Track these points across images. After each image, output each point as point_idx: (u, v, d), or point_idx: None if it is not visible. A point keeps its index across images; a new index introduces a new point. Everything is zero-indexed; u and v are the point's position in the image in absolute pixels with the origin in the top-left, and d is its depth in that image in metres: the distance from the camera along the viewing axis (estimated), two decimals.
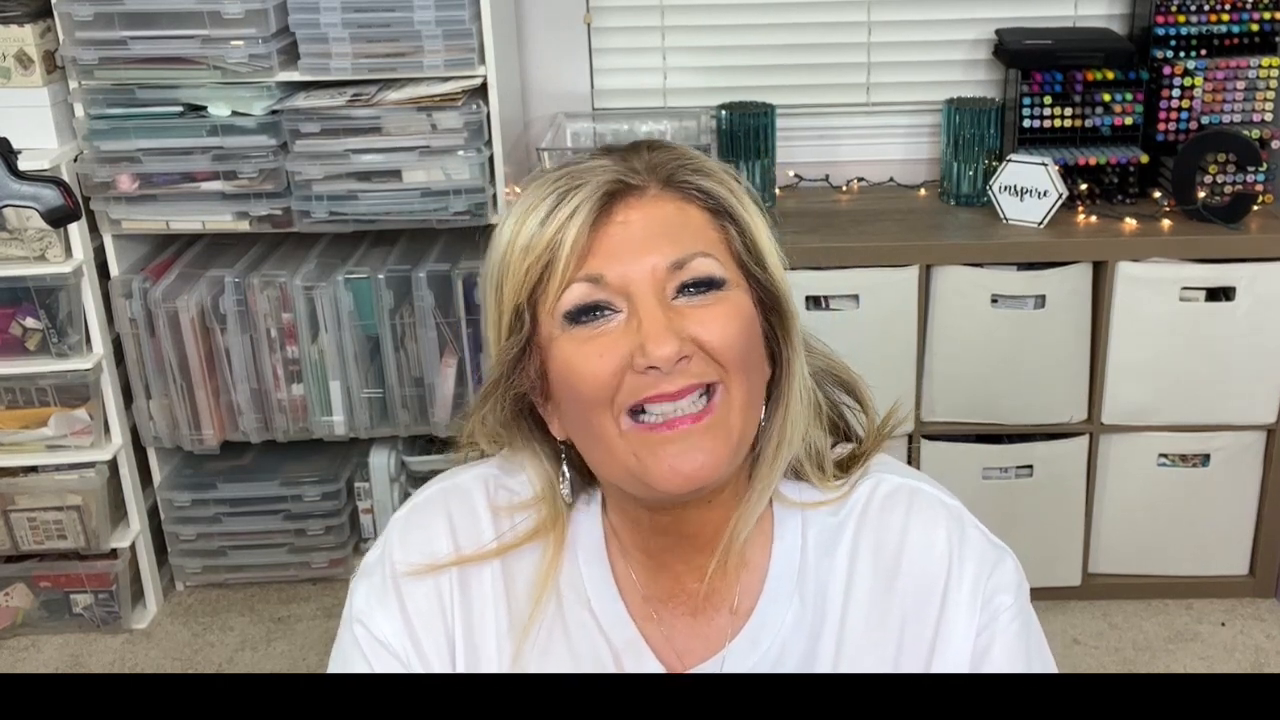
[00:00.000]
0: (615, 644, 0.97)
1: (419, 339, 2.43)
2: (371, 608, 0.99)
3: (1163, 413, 2.40)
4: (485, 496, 1.01)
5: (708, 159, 0.95)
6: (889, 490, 0.99)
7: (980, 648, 0.95)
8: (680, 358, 0.86)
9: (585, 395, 0.88)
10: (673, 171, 0.92)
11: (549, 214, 0.89)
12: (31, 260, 2.33)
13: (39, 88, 2.29)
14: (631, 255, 0.88)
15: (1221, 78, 2.47)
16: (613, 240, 0.88)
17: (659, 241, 0.89)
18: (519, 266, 0.89)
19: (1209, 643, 2.42)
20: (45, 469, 2.45)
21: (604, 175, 0.90)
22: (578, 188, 0.89)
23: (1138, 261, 2.32)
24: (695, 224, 0.91)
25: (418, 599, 0.98)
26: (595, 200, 0.88)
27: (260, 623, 2.56)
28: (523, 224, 0.90)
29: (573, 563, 0.99)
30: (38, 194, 1.07)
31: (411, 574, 0.99)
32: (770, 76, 2.66)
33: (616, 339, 0.87)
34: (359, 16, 2.26)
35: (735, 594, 0.98)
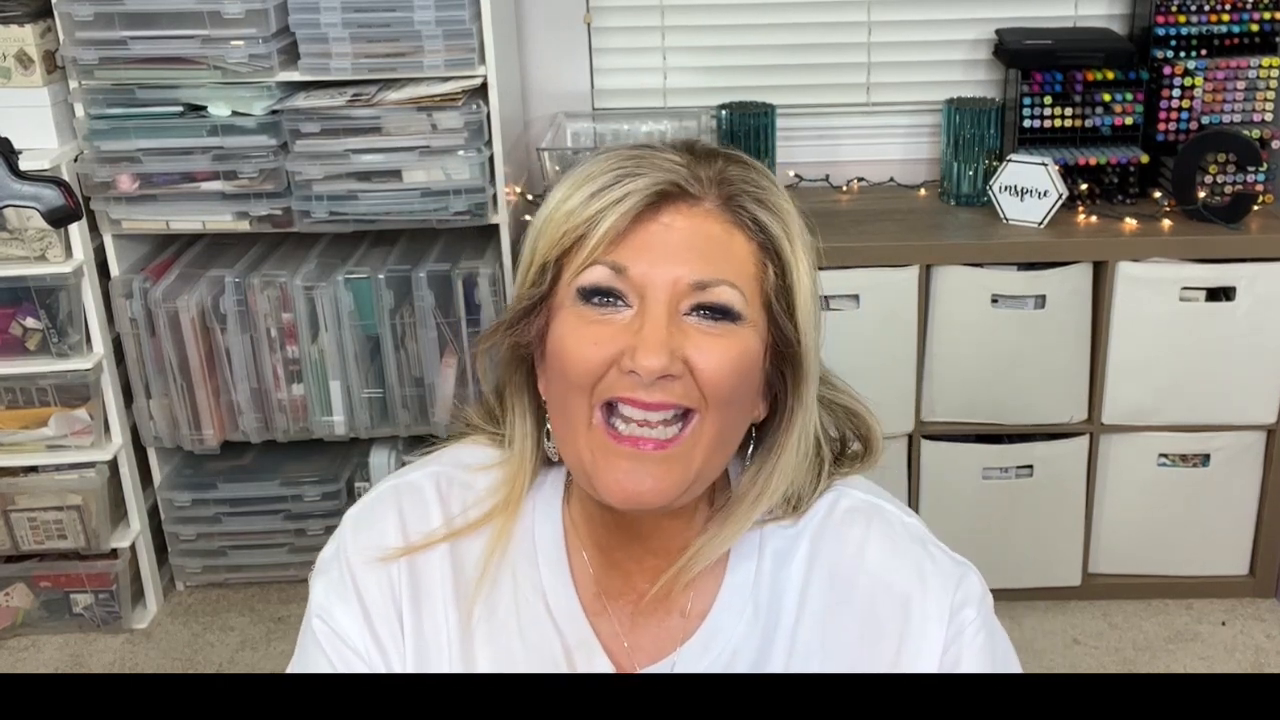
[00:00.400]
0: (568, 639, 0.97)
1: (419, 339, 2.43)
2: (331, 602, 1.00)
3: (1163, 413, 2.40)
4: (436, 491, 1.01)
5: (778, 193, 0.93)
6: (849, 506, 0.99)
7: (948, 662, 0.95)
8: (665, 374, 0.86)
9: (569, 376, 0.89)
10: (735, 193, 0.91)
11: (599, 190, 0.89)
12: (32, 260, 2.33)
13: (39, 88, 2.29)
14: (660, 259, 0.88)
15: (1222, 78, 2.47)
16: (649, 238, 0.88)
17: (692, 255, 0.88)
18: (557, 228, 0.90)
19: (1209, 643, 2.42)
20: (45, 469, 2.45)
21: (665, 175, 0.89)
22: (636, 176, 0.89)
23: (1138, 261, 2.32)
24: (737, 251, 0.90)
25: (371, 589, 0.99)
26: (644, 196, 0.88)
27: (260, 623, 2.56)
28: (576, 189, 0.90)
29: (530, 556, 0.99)
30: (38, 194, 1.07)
31: (364, 565, 0.99)
32: (770, 76, 2.66)
33: (616, 333, 0.87)
34: (359, 16, 2.26)
35: (688, 599, 0.98)
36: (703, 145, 0.94)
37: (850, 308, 2.33)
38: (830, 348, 1.04)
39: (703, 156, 0.92)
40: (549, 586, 0.98)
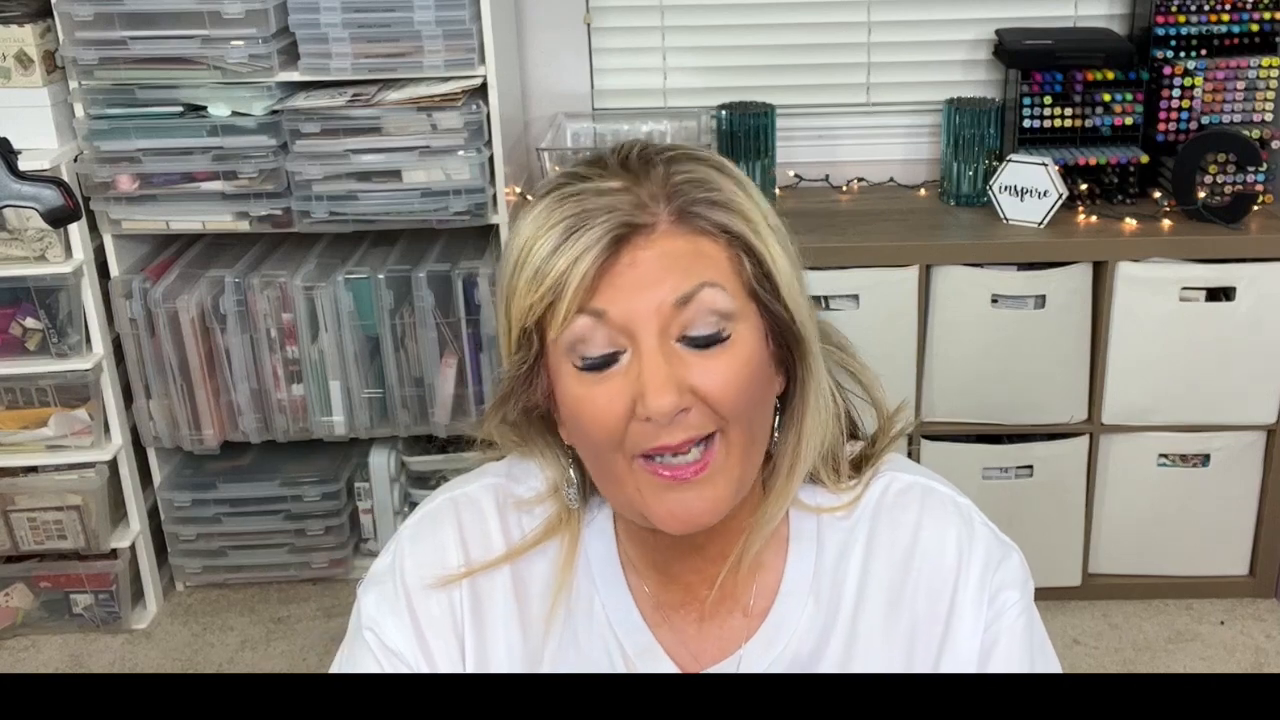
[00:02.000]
0: (629, 649, 0.97)
1: (419, 339, 2.43)
2: (383, 615, 0.99)
3: (1163, 413, 2.40)
4: (495, 505, 1.01)
5: (729, 181, 0.91)
6: (901, 488, 1.00)
7: (987, 643, 0.96)
8: (679, 410, 0.85)
9: (593, 437, 0.88)
10: (686, 204, 0.88)
11: (556, 248, 0.86)
12: (31, 260, 2.33)
13: (39, 88, 2.29)
14: (636, 293, 0.86)
15: (1221, 78, 2.47)
16: (619, 278, 0.86)
17: (665, 277, 0.86)
18: (525, 294, 0.87)
19: (1209, 643, 2.42)
20: (45, 469, 2.45)
21: (612, 214, 0.86)
22: (586, 226, 0.85)
23: (1138, 261, 2.32)
24: (708, 254, 0.88)
25: (430, 608, 0.98)
26: (603, 244, 0.85)
27: (260, 623, 2.56)
28: (531, 250, 0.87)
29: (586, 570, 0.99)
30: (38, 194, 1.07)
31: (422, 585, 0.98)
32: (770, 76, 2.66)
33: (621, 385, 0.86)
34: (359, 16, 2.26)
35: (750, 596, 0.98)
36: (638, 152, 0.91)
37: (850, 308, 2.33)
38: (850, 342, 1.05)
39: (641, 170, 0.89)
40: (607, 602, 0.98)
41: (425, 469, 2.60)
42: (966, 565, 0.97)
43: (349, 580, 2.63)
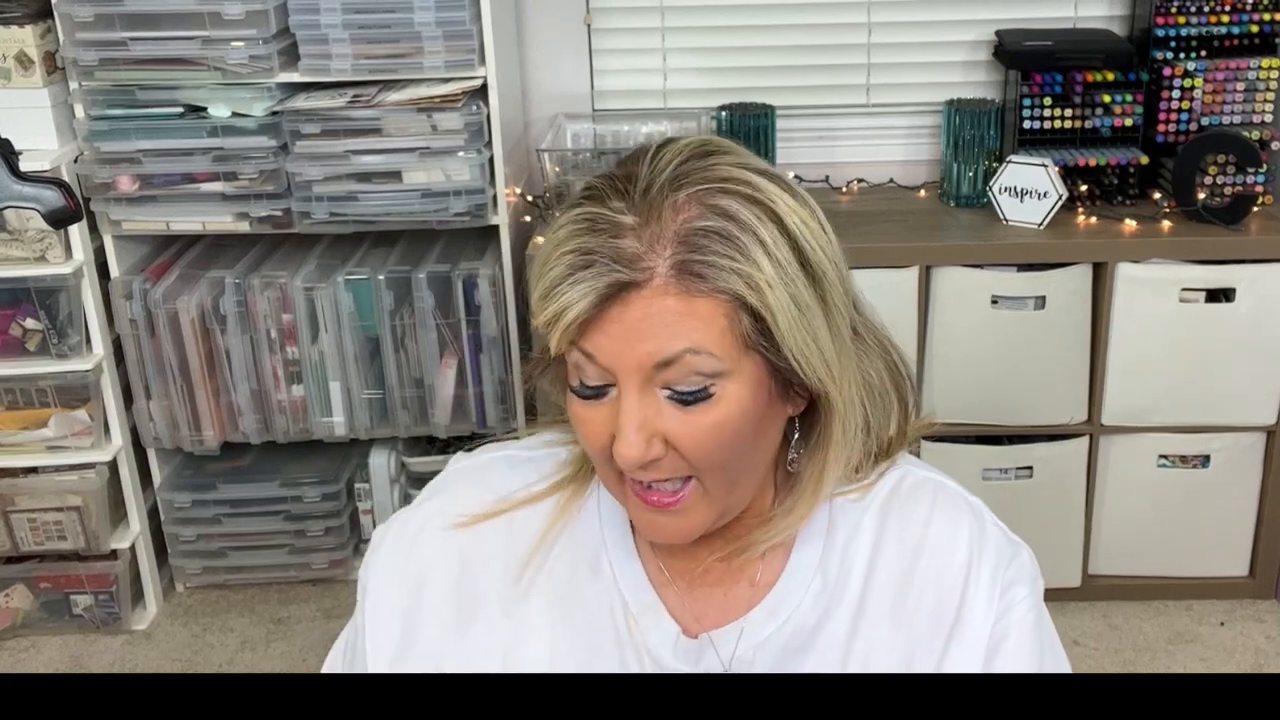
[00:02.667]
0: (632, 607, 1.00)
1: (419, 340, 2.44)
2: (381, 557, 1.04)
3: (1163, 414, 2.40)
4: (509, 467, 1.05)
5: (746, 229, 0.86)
6: (915, 482, 1.03)
7: (996, 636, 0.98)
8: (650, 460, 0.88)
9: (593, 454, 0.93)
10: (689, 260, 0.85)
11: (561, 280, 0.86)
12: (32, 261, 2.33)
13: (39, 89, 2.29)
14: (622, 344, 0.86)
15: (1221, 79, 2.47)
16: (610, 325, 0.86)
17: (650, 337, 0.86)
18: (537, 308, 0.89)
19: (1209, 644, 2.42)
20: (45, 470, 2.45)
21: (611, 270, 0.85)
22: (587, 270, 0.85)
23: (1138, 263, 2.32)
24: (700, 314, 0.86)
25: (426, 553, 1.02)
26: (597, 293, 0.85)
27: (260, 624, 2.56)
28: (546, 267, 0.88)
29: (596, 530, 1.02)
30: (39, 195, 1.07)
31: (426, 531, 1.03)
32: (770, 77, 2.66)
33: (605, 416, 0.90)
34: (359, 18, 2.27)
35: (758, 568, 1.00)
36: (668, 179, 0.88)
37: None
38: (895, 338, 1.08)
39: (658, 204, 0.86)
40: (614, 558, 1.01)
41: (425, 470, 2.60)
42: (979, 560, 0.99)
43: (349, 581, 2.63)
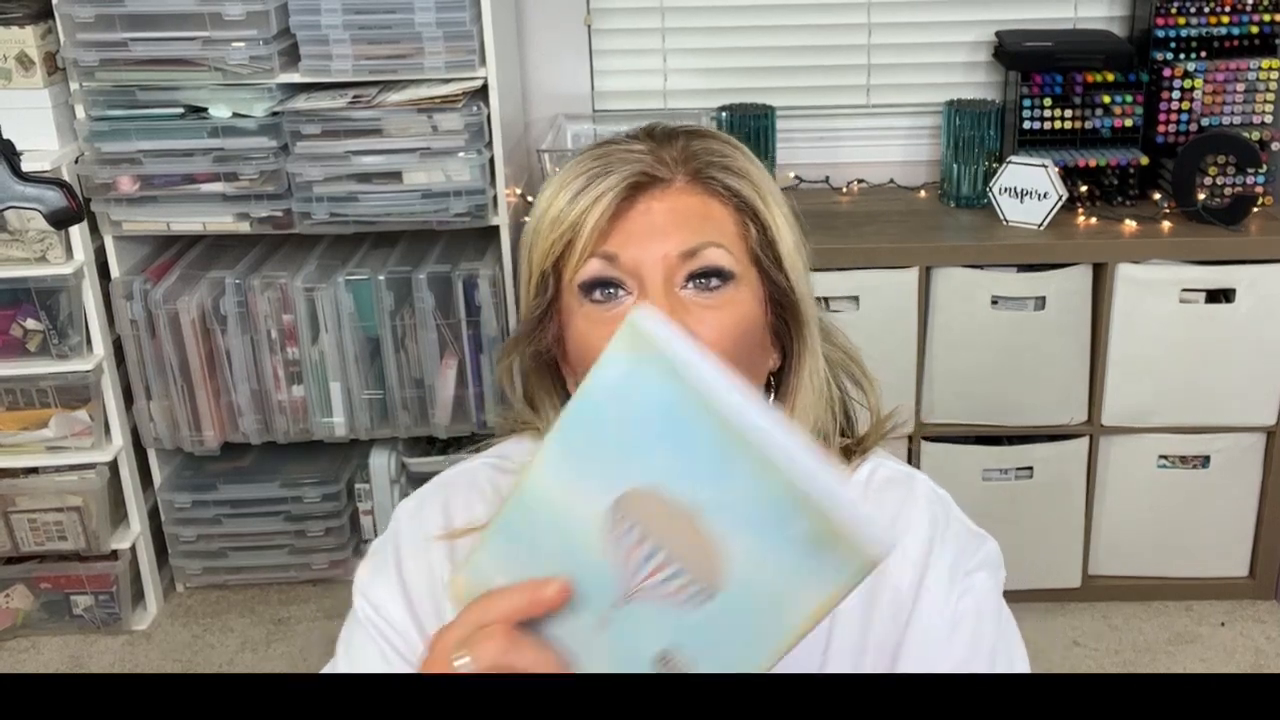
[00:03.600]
0: None
1: (419, 340, 2.44)
2: (373, 580, 1.04)
3: (1163, 414, 2.40)
4: (488, 479, 1.05)
5: (741, 155, 0.98)
6: (888, 474, 1.04)
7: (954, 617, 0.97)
8: None
9: None
10: (701, 166, 0.95)
11: (578, 193, 0.93)
12: (32, 261, 2.33)
13: (40, 89, 2.29)
14: (647, 240, 0.92)
15: (1221, 79, 2.47)
16: (632, 225, 0.93)
17: (675, 230, 0.92)
18: (546, 236, 0.95)
19: (1209, 644, 2.42)
20: (46, 470, 2.45)
21: (633, 165, 0.94)
22: (607, 174, 0.93)
23: (1138, 263, 2.32)
24: (716, 216, 0.95)
25: (411, 572, 1.02)
26: (619, 190, 0.93)
27: (260, 624, 2.56)
28: (555, 198, 0.95)
29: None
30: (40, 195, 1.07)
31: (409, 548, 1.03)
32: (770, 78, 2.66)
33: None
34: (360, 18, 2.27)
35: None
36: (662, 128, 1.00)
37: (850, 309, 2.33)
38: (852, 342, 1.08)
39: (663, 139, 0.97)
40: None
41: (425, 470, 2.60)
42: (940, 549, 0.99)
43: (349, 581, 2.61)
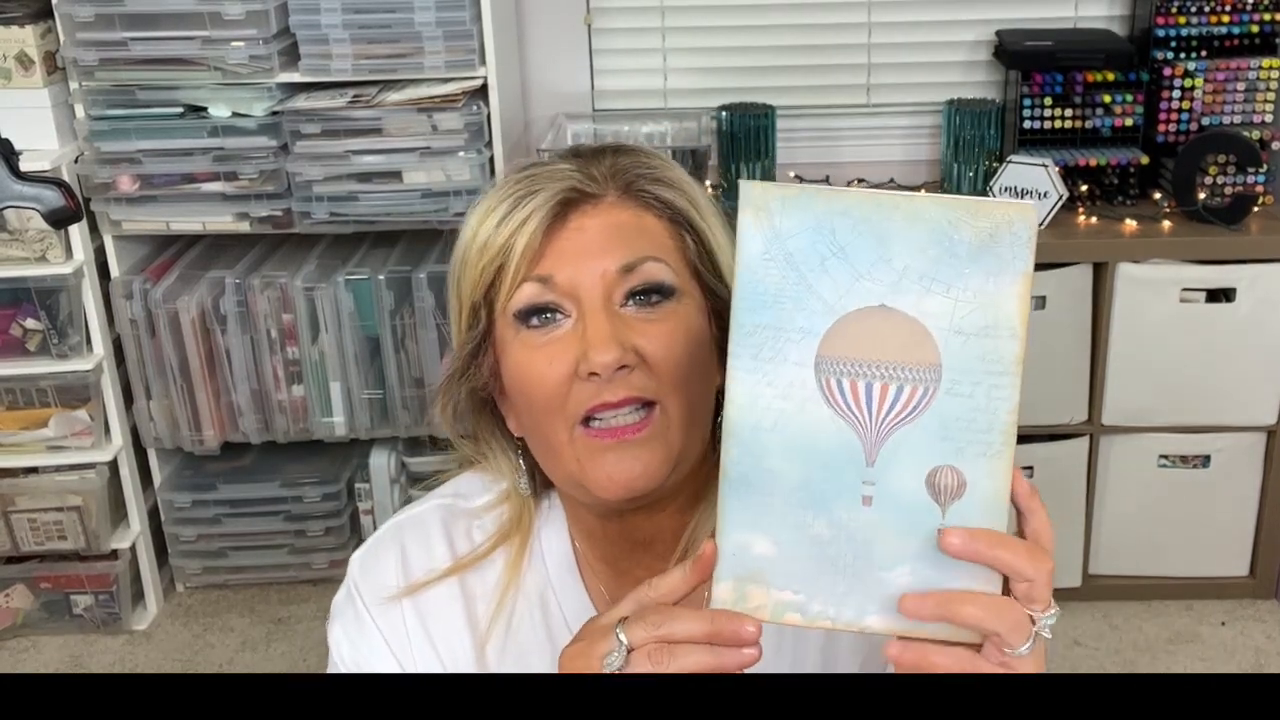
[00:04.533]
0: None
1: (419, 340, 2.44)
2: (352, 640, 1.00)
3: (1163, 414, 2.40)
4: (441, 522, 1.01)
5: (671, 167, 0.95)
6: None
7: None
8: (621, 365, 0.86)
9: (537, 401, 0.89)
10: (632, 180, 0.92)
11: (505, 217, 0.90)
12: (32, 261, 2.33)
13: (40, 89, 2.29)
14: (582, 259, 0.88)
15: (1222, 79, 2.47)
16: (565, 244, 0.89)
17: (611, 246, 0.89)
18: (475, 265, 0.91)
19: (1209, 644, 2.42)
20: (45, 470, 2.45)
21: (561, 182, 0.90)
22: (535, 193, 0.90)
23: (1138, 263, 2.32)
24: (651, 230, 0.91)
25: (387, 629, 0.99)
26: (549, 208, 0.89)
27: (260, 624, 2.56)
28: (481, 224, 0.91)
29: (542, 570, 1.00)
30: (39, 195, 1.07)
31: (376, 604, 1.00)
32: (770, 77, 2.66)
33: (564, 346, 0.88)
34: (359, 18, 2.27)
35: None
36: (587, 146, 0.96)
37: None
38: None
39: (590, 156, 0.94)
40: (565, 603, 0.99)
41: (425, 469, 2.60)
42: None
43: None
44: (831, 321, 0.72)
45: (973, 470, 0.72)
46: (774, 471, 0.74)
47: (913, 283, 0.71)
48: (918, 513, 0.72)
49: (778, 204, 0.72)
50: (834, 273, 0.72)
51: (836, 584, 0.74)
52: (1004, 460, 0.72)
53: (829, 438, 0.73)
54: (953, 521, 0.72)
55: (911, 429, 0.72)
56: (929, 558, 0.72)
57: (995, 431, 0.71)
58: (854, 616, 0.74)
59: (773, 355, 0.73)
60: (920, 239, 0.70)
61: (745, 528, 0.75)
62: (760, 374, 0.73)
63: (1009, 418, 0.71)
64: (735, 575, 0.75)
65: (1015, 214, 0.69)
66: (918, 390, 0.72)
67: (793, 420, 0.73)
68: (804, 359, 0.72)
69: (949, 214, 0.70)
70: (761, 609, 0.75)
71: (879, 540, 0.73)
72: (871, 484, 0.73)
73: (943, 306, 0.71)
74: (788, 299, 0.72)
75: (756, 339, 0.73)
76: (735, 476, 0.75)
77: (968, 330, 0.71)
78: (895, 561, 0.73)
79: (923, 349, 0.71)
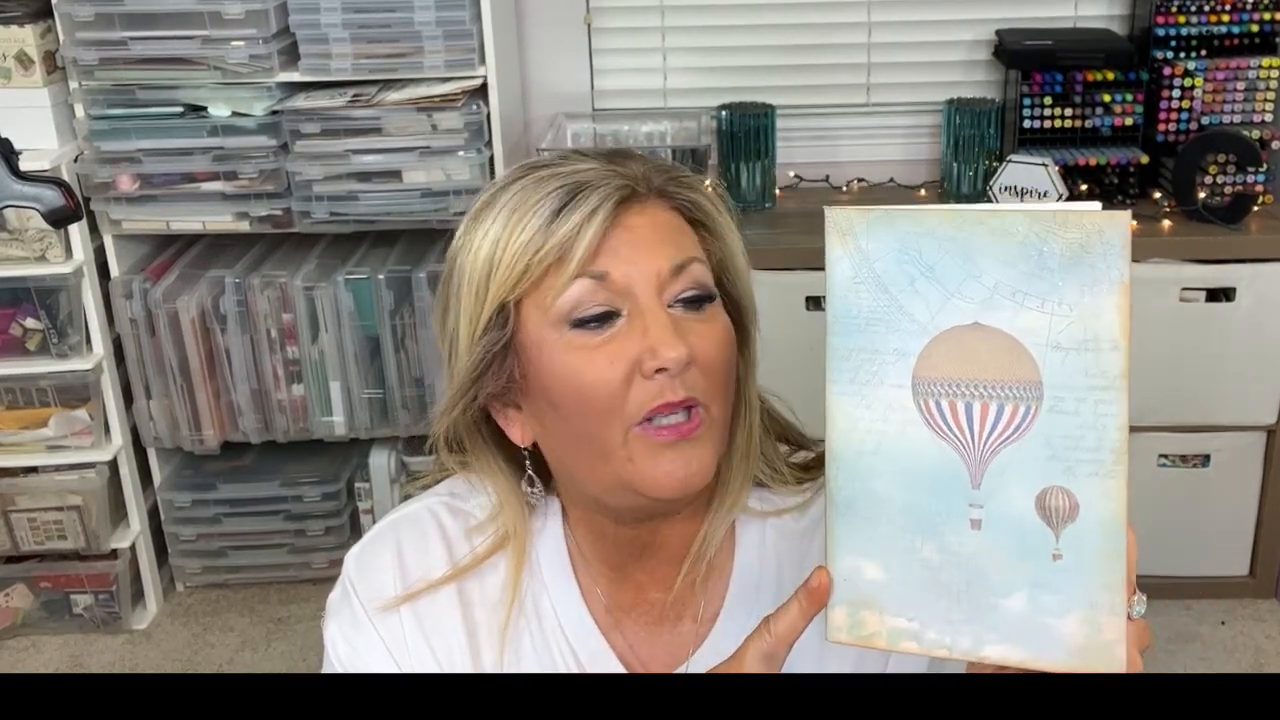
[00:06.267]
0: (581, 654, 0.97)
1: (419, 339, 2.44)
2: (349, 639, 0.99)
3: (1163, 413, 2.40)
4: (436, 523, 1.01)
5: (688, 172, 0.96)
6: None
7: None
8: (688, 362, 0.85)
9: (594, 402, 0.86)
10: (664, 184, 0.92)
11: (557, 213, 0.87)
12: (32, 261, 2.33)
13: (39, 88, 2.29)
14: (636, 257, 0.88)
15: (1222, 78, 2.47)
16: (619, 242, 0.88)
17: (662, 245, 0.89)
18: (513, 265, 0.87)
19: (1209, 643, 2.42)
20: (45, 469, 2.45)
21: (614, 183, 0.89)
22: (588, 188, 0.88)
23: (1138, 262, 2.32)
24: (688, 232, 0.92)
25: (384, 630, 0.99)
26: (612, 204, 0.88)
27: (260, 623, 2.56)
28: (518, 224, 0.88)
29: (536, 576, 0.99)
30: (39, 194, 1.07)
31: (373, 605, 0.99)
32: (770, 77, 2.66)
33: (623, 344, 0.86)
34: (359, 17, 2.27)
35: (699, 604, 0.98)
36: (593, 150, 0.97)
37: None
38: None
39: (616, 158, 0.93)
40: (559, 606, 0.98)
41: (425, 469, 2.60)
42: None
43: None
44: (925, 341, 0.71)
45: (1085, 491, 0.69)
46: (879, 495, 0.73)
47: (1005, 299, 0.69)
48: (1030, 536, 0.70)
49: (862, 226, 0.73)
50: (924, 292, 0.71)
51: (951, 611, 0.72)
52: (1117, 480, 0.69)
53: (932, 460, 0.72)
54: (1067, 545, 0.70)
55: (1016, 449, 0.70)
56: (1045, 583, 0.70)
57: (1105, 449, 0.69)
58: (970, 646, 0.72)
59: (869, 378, 0.72)
60: (1009, 254, 0.69)
61: (855, 553, 0.74)
62: (859, 397, 0.73)
63: (1119, 434, 0.69)
64: (848, 601, 0.74)
65: (1105, 223, 0.68)
66: (1019, 409, 0.70)
67: (894, 443, 0.72)
68: (901, 380, 0.72)
69: (1035, 227, 0.69)
70: (877, 636, 0.74)
71: (991, 565, 0.71)
72: (979, 507, 0.71)
73: (1038, 322, 0.69)
74: (880, 321, 0.72)
75: (852, 362, 0.73)
76: (841, 501, 0.74)
77: (1066, 345, 0.69)
78: (1010, 588, 0.71)
79: (1021, 366, 0.70)
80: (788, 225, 2.43)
